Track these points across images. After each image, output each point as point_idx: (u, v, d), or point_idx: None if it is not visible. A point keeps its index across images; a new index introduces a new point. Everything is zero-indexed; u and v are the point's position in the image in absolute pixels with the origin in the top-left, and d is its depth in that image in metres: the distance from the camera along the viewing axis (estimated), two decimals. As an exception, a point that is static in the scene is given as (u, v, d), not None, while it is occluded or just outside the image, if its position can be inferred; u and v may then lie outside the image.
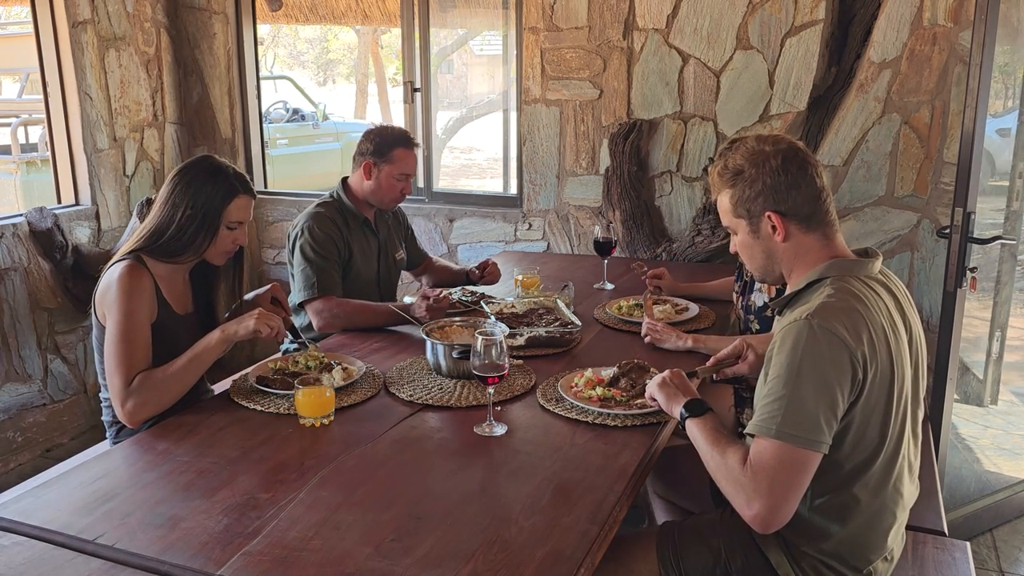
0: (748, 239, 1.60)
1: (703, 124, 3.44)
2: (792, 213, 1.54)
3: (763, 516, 1.38)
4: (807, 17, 3.20)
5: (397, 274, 3.00)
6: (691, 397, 1.63)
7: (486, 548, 1.33)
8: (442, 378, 2.06)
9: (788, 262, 1.58)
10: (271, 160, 5.10)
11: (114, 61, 3.93)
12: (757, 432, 1.40)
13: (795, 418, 1.37)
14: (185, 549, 1.33)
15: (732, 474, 1.42)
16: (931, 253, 3.19)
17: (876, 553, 1.54)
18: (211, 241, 2.04)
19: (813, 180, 1.54)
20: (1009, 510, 3.04)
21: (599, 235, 2.96)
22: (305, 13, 5.98)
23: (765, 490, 1.37)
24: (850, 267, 1.53)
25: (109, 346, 1.91)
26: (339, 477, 1.57)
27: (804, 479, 1.39)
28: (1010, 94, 3.29)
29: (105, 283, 1.97)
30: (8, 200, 6.55)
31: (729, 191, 1.58)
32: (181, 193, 2.02)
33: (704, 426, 1.54)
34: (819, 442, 1.38)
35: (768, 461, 1.38)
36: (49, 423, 3.69)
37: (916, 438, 1.60)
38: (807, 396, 1.38)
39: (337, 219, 2.69)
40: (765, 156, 1.54)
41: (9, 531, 1.41)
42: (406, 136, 2.77)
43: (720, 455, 1.46)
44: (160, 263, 2.03)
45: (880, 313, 1.48)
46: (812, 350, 1.39)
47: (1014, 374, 3.63)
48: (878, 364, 1.43)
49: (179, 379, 1.92)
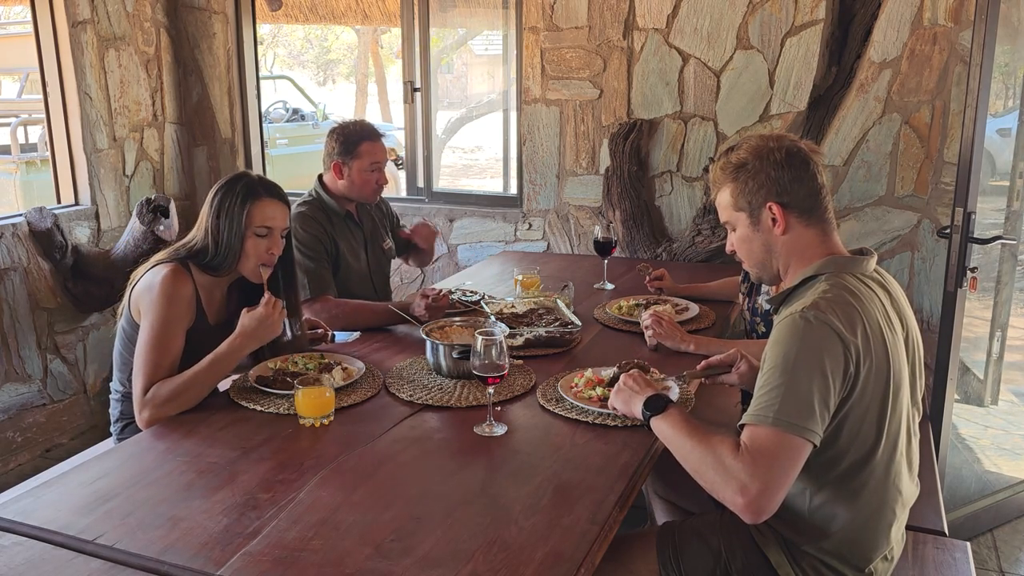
0: (748, 232, 1.61)
1: (703, 124, 3.44)
2: (793, 205, 1.55)
3: (759, 502, 1.36)
4: (807, 17, 3.20)
5: (388, 264, 3.01)
6: (649, 395, 1.62)
7: (486, 548, 1.33)
8: (442, 378, 2.06)
9: (786, 257, 1.59)
10: (271, 160, 5.09)
11: (114, 61, 3.92)
12: (755, 421, 1.40)
13: (791, 407, 1.38)
14: (185, 549, 1.33)
15: (722, 463, 1.40)
16: (931, 253, 3.19)
17: (876, 552, 1.54)
18: (240, 249, 2.00)
19: (815, 176, 1.56)
20: (1009, 510, 3.04)
21: (599, 235, 2.96)
22: (305, 13, 5.99)
23: (763, 475, 1.36)
24: (845, 264, 1.54)
25: (140, 349, 1.91)
26: (339, 477, 1.57)
27: (797, 468, 1.39)
28: (1010, 94, 3.29)
29: (147, 282, 1.96)
30: (8, 200, 6.55)
31: (731, 185, 1.60)
32: (210, 207, 2.03)
33: (672, 420, 1.54)
34: (813, 431, 1.38)
35: (767, 447, 1.37)
36: (49, 423, 3.69)
37: (914, 436, 1.60)
38: (802, 385, 1.38)
39: (320, 217, 2.69)
40: (769, 150, 1.55)
41: (9, 531, 1.41)
42: (369, 128, 2.77)
43: (704, 446, 1.44)
44: (203, 273, 2.03)
45: (875, 309, 1.48)
46: (807, 341, 1.40)
47: (1014, 374, 3.63)
48: (872, 359, 1.43)
49: (200, 382, 1.89)
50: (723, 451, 1.41)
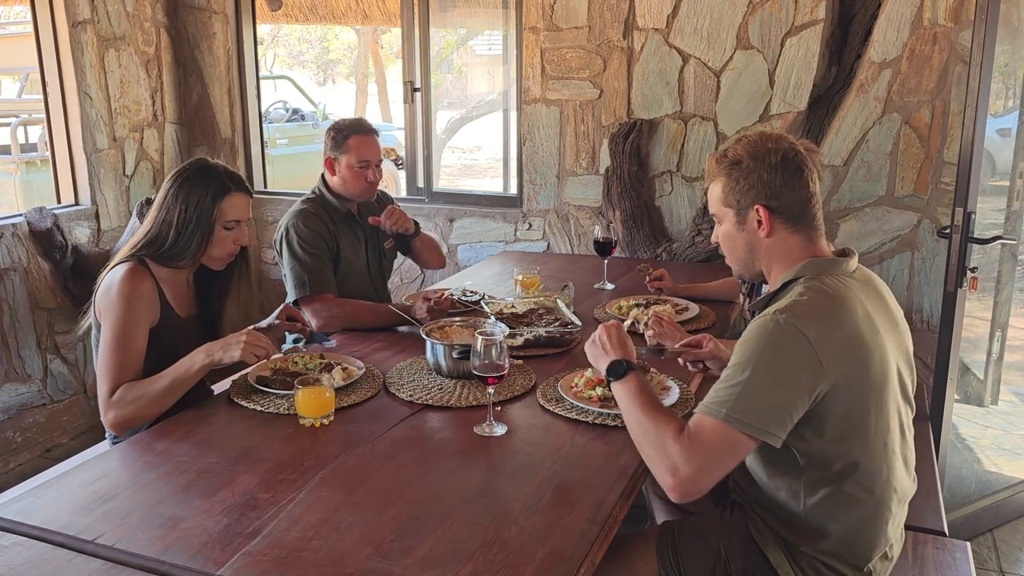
0: (732, 230, 1.61)
1: (703, 124, 3.44)
2: (780, 211, 1.55)
3: (686, 485, 1.40)
4: (807, 17, 3.20)
5: (390, 263, 2.99)
6: (614, 359, 1.63)
7: (486, 548, 1.33)
8: (442, 378, 2.06)
9: (768, 259, 1.60)
10: (271, 160, 5.09)
11: (114, 61, 3.93)
12: (706, 412, 1.43)
13: (745, 406, 1.40)
14: (185, 549, 1.33)
15: (663, 442, 1.44)
16: (931, 253, 3.19)
17: (875, 550, 1.54)
18: (208, 242, 2.02)
19: (807, 184, 1.56)
20: (1009, 510, 3.03)
21: (599, 235, 2.96)
22: (305, 13, 5.99)
23: (697, 462, 1.40)
24: (825, 266, 1.55)
25: (101, 352, 1.91)
26: (339, 477, 1.57)
27: (734, 462, 1.44)
28: (1010, 94, 3.29)
29: (106, 283, 1.96)
30: (8, 200, 6.54)
31: (724, 179, 1.60)
32: (174, 197, 2.01)
33: (628, 387, 1.57)
34: (766, 432, 1.40)
35: (709, 437, 1.41)
36: (49, 423, 3.69)
37: (908, 431, 1.60)
38: (761, 387, 1.40)
39: (322, 215, 2.68)
40: (766, 151, 1.55)
41: (9, 531, 1.41)
42: (360, 124, 2.73)
43: (651, 421, 1.48)
44: (162, 266, 2.02)
45: (856, 310, 1.49)
46: (773, 344, 1.42)
47: (1014, 374, 3.63)
48: (851, 361, 1.44)
49: (159, 400, 1.88)
50: (667, 431, 1.45)
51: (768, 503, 1.57)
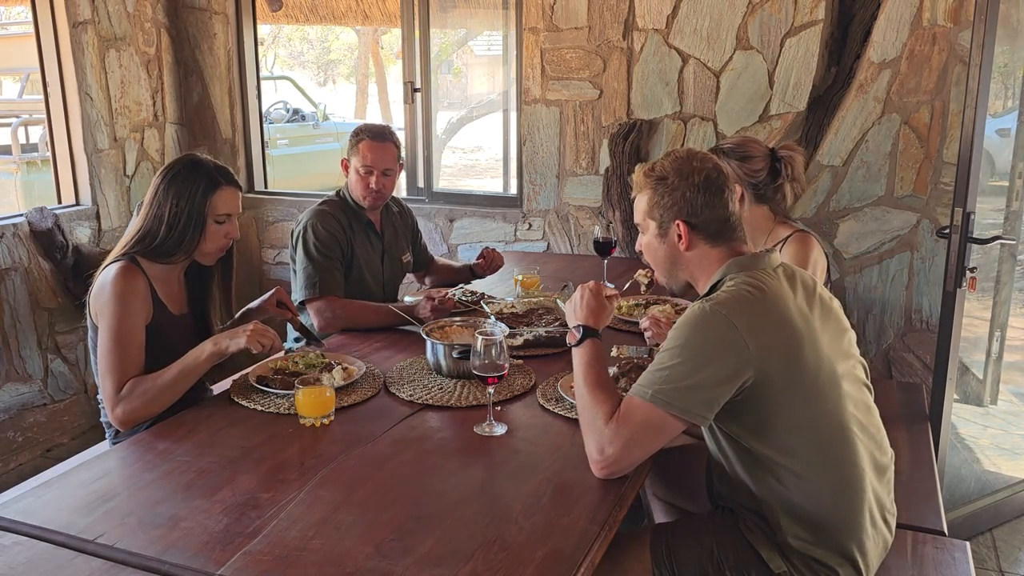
0: (654, 242, 1.70)
1: (703, 124, 3.45)
2: (700, 228, 1.64)
3: (610, 464, 1.52)
4: (807, 17, 3.20)
5: (403, 276, 2.98)
6: (580, 322, 1.73)
7: (486, 548, 1.33)
8: (442, 378, 2.06)
9: (690, 270, 1.68)
10: (271, 160, 5.09)
11: (114, 61, 3.93)
12: (635, 393, 1.51)
13: (671, 387, 1.47)
14: (185, 549, 1.34)
15: (595, 420, 1.54)
16: (931, 253, 3.19)
17: (855, 532, 1.55)
18: (200, 237, 2.03)
19: (726, 204, 1.65)
20: (1009, 510, 3.04)
21: (599, 235, 2.96)
22: (305, 13, 5.99)
23: (622, 442, 1.50)
24: (748, 263, 1.61)
25: (102, 350, 1.91)
26: (339, 477, 1.57)
27: (660, 443, 1.53)
28: (1010, 94, 3.29)
29: (99, 284, 1.97)
30: (8, 200, 6.54)
31: (649, 193, 1.68)
32: (164, 193, 2.02)
33: (582, 357, 1.67)
34: (691, 412, 1.47)
35: (636, 418, 1.50)
36: (49, 423, 3.69)
37: (871, 410, 1.64)
38: (688, 371, 1.47)
39: (341, 218, 2.67)
40: (691, 170, 1.63)
41: (9, 531, 1.41)
42: (376, 129, 2.71)
43: (591, 396, 1.58)
44: (154, 264, 2.03)
45: (784, 300, 1.54)
46: (702, 330, 1.50)
47: (1014, 374, 3.63)
48: (781, 348, 1.49)
49: (169, 389, 1.90)
50: (600, 410, 1.55)
51: (749, 502, 1.59)
